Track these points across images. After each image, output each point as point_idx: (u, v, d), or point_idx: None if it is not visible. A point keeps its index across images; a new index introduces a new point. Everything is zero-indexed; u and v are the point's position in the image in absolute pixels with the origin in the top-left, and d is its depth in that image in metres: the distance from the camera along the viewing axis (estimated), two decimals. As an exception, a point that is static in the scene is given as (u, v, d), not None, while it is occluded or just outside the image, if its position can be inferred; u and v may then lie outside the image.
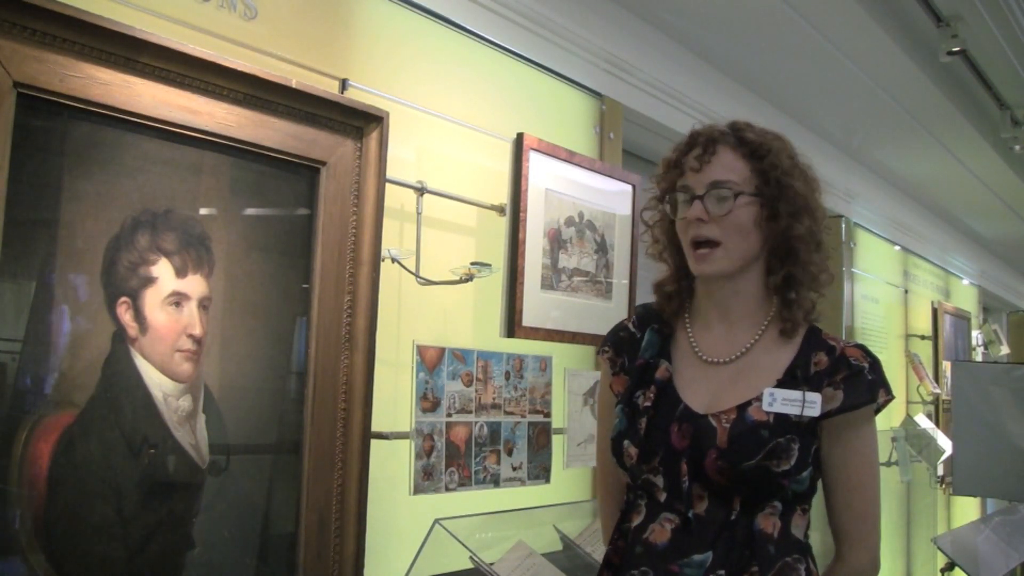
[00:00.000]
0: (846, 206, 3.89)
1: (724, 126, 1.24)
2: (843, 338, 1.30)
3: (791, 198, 1.20)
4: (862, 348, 1.23)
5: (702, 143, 1.23)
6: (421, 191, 1.80)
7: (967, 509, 5.10)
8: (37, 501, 1.19)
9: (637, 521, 1.21)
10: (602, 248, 2.13)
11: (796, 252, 1.22)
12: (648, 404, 1.21)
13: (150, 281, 1.32)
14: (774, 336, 1.24)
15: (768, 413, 1.16)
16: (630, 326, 1.32)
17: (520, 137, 1.91)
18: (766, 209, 1.21)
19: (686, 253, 1.24)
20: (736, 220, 1.20)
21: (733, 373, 1.22)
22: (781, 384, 1.18)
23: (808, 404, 1.15)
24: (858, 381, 1.19)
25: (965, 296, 5.70)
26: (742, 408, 1.17)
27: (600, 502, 1.41)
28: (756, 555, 1.14)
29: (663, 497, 1.19)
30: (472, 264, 1.80)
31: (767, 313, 1.25)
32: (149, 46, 1.29)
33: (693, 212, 1.21)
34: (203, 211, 1.40)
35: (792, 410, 1.15)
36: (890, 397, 1.21)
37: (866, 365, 1.20)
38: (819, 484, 1.23)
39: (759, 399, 1.17)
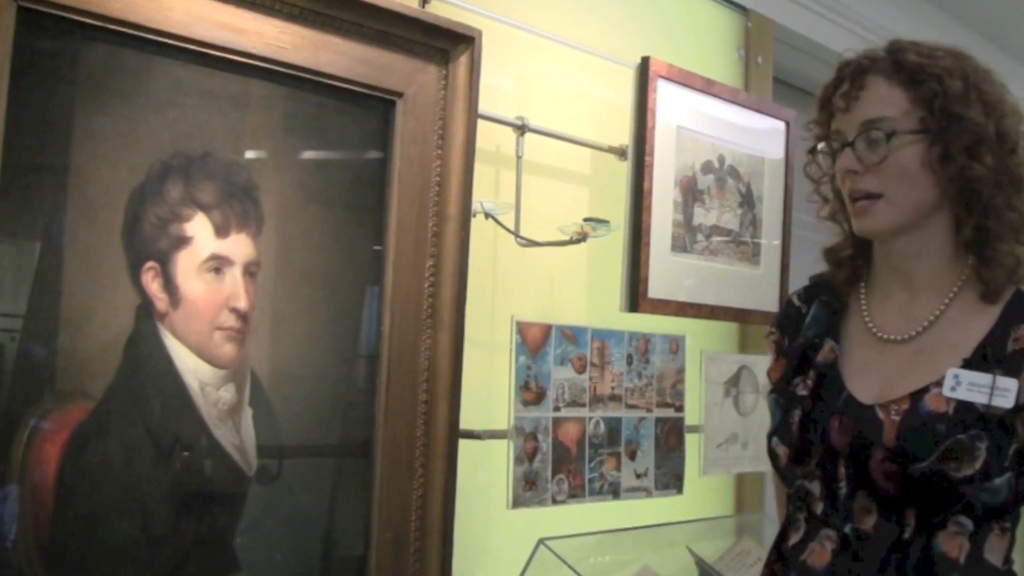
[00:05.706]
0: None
1: (880, 49, 1.16)
2: None
3: (963, 130, 1.10)
4: None
5: (849, 75, 1.15)
6: (522, 129, 1.68)
7: None
8: (42, 516, 1.12)
9: (795, 539, 1.14)
10: (748, 201, 1.99)
11: (981, 197, 1.12)
12: (804, 393, 1.15)
13: (183, 242, 1.23)
14: (968, 304, 1.13)
15: (948, 401, 1.06)
16: (795, 300, 1.28)
17: (645, 62, 1.78)
18: (937, 147, 1.11)
19: (848, 210, 1.18)
20: (896, 165, 1.11)
21: (912, 353, 1.13)
22: (968, 364, 1.08)
23: (998, 391, 1.04)
24: None
25: None
26: (916, 396, 1.08)
27: (778, 516, 1.33)
28: None
29: (820, 509, 1.12)
30: (585, 221, 1.68)
31: (958, 276, 1.14)
32: (182, -52, 1.19)
33: (843, 163, 1.15)
34: (249, 154, 1.32)
35: (978, 398, 1.05)
36: None
37: None
38: None
39: (939, 384, 1.07)
